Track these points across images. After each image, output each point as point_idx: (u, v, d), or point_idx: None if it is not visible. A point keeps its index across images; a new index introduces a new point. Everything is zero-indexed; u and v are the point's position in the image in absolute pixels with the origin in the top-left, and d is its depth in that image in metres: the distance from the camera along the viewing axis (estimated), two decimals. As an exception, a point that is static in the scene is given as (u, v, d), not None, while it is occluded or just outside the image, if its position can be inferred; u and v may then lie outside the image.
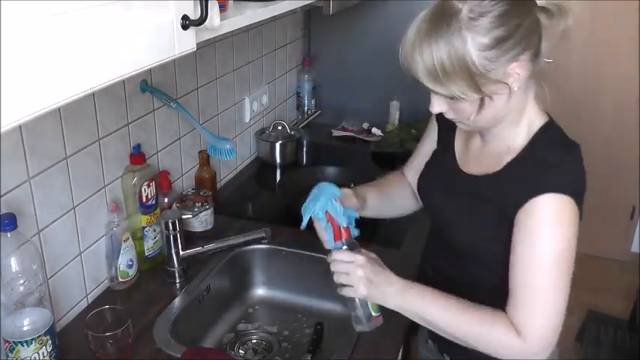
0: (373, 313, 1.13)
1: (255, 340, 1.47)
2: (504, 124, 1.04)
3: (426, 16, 0.93)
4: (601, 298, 3.05)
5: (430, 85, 0.94)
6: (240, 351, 1.44)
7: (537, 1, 0.94)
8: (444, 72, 0.90)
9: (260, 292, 1.61)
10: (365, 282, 1.07)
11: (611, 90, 3.17)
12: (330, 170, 1.97)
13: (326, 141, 2.33)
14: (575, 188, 0.99)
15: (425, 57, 0.91)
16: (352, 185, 1.95)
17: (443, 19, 0.90)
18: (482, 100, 0.95)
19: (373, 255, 1.13)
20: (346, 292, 1.10)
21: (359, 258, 1.09)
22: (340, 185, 1.26)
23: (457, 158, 1.16)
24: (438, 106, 1.00)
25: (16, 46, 0.55)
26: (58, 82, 0.61)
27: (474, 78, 0.91)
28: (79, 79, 0.64)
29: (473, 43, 0.89)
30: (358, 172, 1.97)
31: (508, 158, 1.05)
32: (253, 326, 1.51)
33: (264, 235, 1.38)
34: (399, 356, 1.36)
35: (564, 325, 1.03)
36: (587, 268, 3.40)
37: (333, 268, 1.11)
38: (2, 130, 0.55)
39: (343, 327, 1.33)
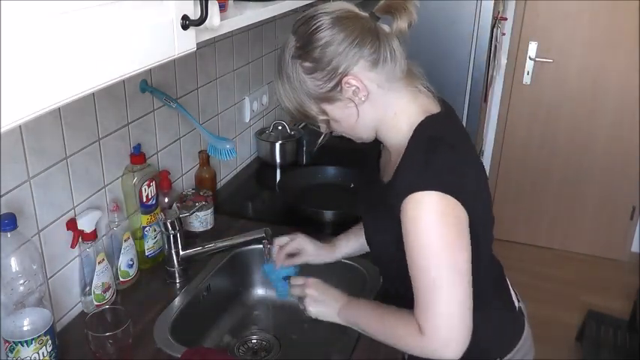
0: None
1: (254, 340, 1.47)
2: (383, 130, 1.07)
3: (277, 54, 1.05)
4: (601, 298, 3.05)
5: (295, 115, 1.06)
6: (240, 351, 1.44)
7: (360, 11, 1.00)
8: (296, 102, 1.02)
9: (260, 292, 1.61)
10: (311, 301, 1.20)
11: (611, 90, 3.17)
12: (330, 170, 1.97)
13: (326, 141, 2.32)
14: (444, 183, 0.96)
15: (280, 95, 1.04)
16: (352, 185, 1.96)
17: (282, 53, 1.01)
18: (327, 120, 1.04)
19: (318, 280, 1.24)
20: (306, 312, 1.23)
21: (308, 280, 1.23)
22: (340, 187, 1.30)
23: (380, 170, 1.20)
24: (323, 128, 1.10)
25: (16, 46, 0.55)
26: (58, 82, 0.61)
27: (316, 101, 1.00)
28: (79, 79, 0.64)
29: (303, 69, 0.98)
30: (358, 172, 1.97)
31: (397, 161, 1.05)
32: (253, 326, 1.51)
33: (264, 235, 1.38)
34: (399, 356, 1.35)
35: (564, 324, 1.03)
36: (587, 268, 3.41)
37: (292, 292, 1.26)
38: (2, 130, 0.55)
39: (343, 327, 1.33)
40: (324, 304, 1.20)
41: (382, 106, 1.03)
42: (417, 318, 1.00)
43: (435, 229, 0.96)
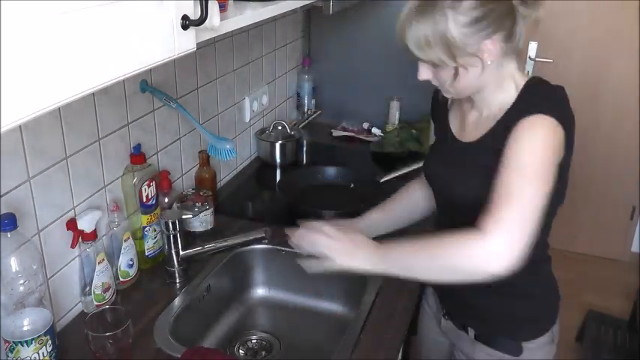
0: None
1: (255, 340, 1.47)
2: (489, 90, 1.17)
3: None
4: (601, 298, 3.05)
5: (416, 52, 1.10)
6: (240, 351, 1.44)
7: None
8: (427, 43, 1.07)
9: (260, 292, 1.61)
10: (333, 251, 1.15)
11: (611, 90, 3.17)
12: (330, 170, 1.97)
13: (326, 141, 2.33)
14: (560, 116, 1.07)
15: (413, 30, 1.08)
16: (352, 185, 1.96)
17: (430, 0, 1.07)
18: (456, 69, 1.10)
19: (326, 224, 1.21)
20: (324, 266, 1.17)
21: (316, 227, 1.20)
22: (340, 187, 1.29)
23: (454, 132, 1.27)
24: (423, 73, 1.15)
25: (16, 46, 0.55)
26: (58, 82, 0.61)
27: (451, 49, 1.07)
28: (79, 79, 0.64)
29: (454, 20, 1.05)
30: (358, 172, 1.97)
31: (492, 122, 1.16)
32: (253, 326, 1.51)
33: (264, 235, 1.38)
34: (399, 356, 1.36)
35: (564, 324, 1.04)
36: (587, 268, 3.41)
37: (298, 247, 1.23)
38: (2, 130, 0.55)
39: (343, 327, 1.33)
40: (351, 255, 1.14)
41: (499, 73, 1.14)
42: (481, 221, 1.03)
43: (541, 151, 1.05)
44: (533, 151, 1.05)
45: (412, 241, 1.11)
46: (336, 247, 1.15)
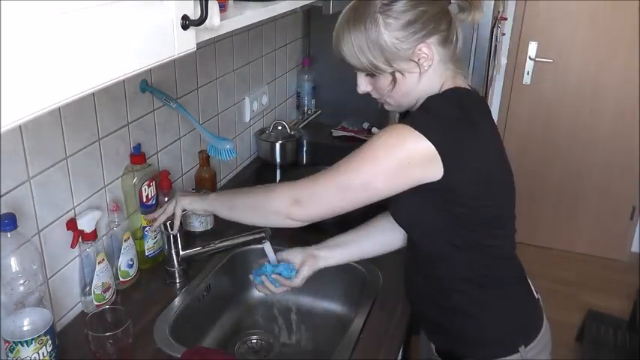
0: None
1: (255, 340, 1.47)
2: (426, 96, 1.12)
3: (351, 4, 1.08)
4: (601, 298, 3.05)
5: (351, 61, 1.09)
6: (240, 351, 1.44)
7: None
8: (360, 51, 1.06)
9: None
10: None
11: (611, 90, 3.17)
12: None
13: (326, 141, 2.33)
14: (431, 131, 1.01)
15: (346, 39, 1.07)
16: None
17: (361, 5, 1.06)
18: (393, 75, 1.07)
19: None
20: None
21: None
22: None
23: None
24: (362, 84, 1.15)
25: (16, 46, 0.55)
26: (58, 82, 0.61)
27: (385, 55, 1.04)
28: (79, 79, 0.64)
29: (385, 24, 1.03)
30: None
31: None
32: (253, 326, 1.51)
33: (264, 235, 1.38)
34: (399, 356, 1.36)
35: (564, 324, 1.03)
36: (587, 268, 3.41)
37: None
38: (2, 130, 0.55)
39: (343, 327, 1.33)
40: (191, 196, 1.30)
41: (436, 79, 1.10)
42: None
43: (379, 149, 1.04)
44: (369, 145, 1.05)
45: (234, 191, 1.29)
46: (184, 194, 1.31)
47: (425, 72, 1.07)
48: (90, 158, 1.30)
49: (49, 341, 1.08)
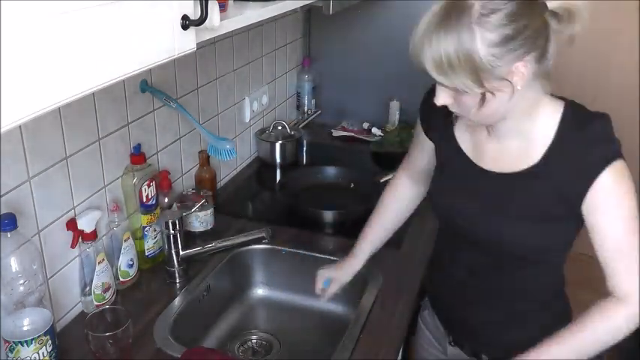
0: None
1: (255, 340, 1.47)
2: (517, 118, 1.04)
3: (438, 9, 0.94)
4: (601, 298, 3.04)
5: (436, 75, 0.95)
6: (240, 351, 1.44)
7: (548, 4, 0.96)
8: (449, 64, 0.91)
9: (260, 292, 1.61)
10: None
11: (611, 90, 3.17)
12: (330, 170, 1.97)
13: (326, 141, 2.33)
14: (620, 150, 1.06)
15: (433, 48, 0.92)
16: (352, 185, 1.96)
17: (454, 12, 0.91)
18: (484, 95, 0.96)
19: None
20: None
21: None
22: (341, 187, 1.28)
23: (470, 157, 1.15)
24: (442, 98, 1.01)
25: (16, 46, 0.55)
26: (58, 82, 0.61)
27: (478, 73, 0.92)
28: (79, 79, 0.64)
29: (481, 38, 0.90)
30: (358, 172, 1.97)
31: (541, 151, 1.05)
32: (253, 326, 1.51)
33: (264, 235, 1.38)
34: (399, 356, 1.36)
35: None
36: (587, 268, 3.40)
37: None
38: (2, 130, 0.55)
39: (343, 327, 1.33)
40: None
41: (525, 97, 1.01)
42: (613, 288, 1.07)
43: (631, 195, 1.03)
44: (627, 202, 1.03)
45: (556, 341, 1.09)
46: None
47: (517, 92, 0.96)
48: (90, 158, 1.30)
49: (49, 341, 1.08)
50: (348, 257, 1.41)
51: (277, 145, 2.06)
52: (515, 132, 1.07)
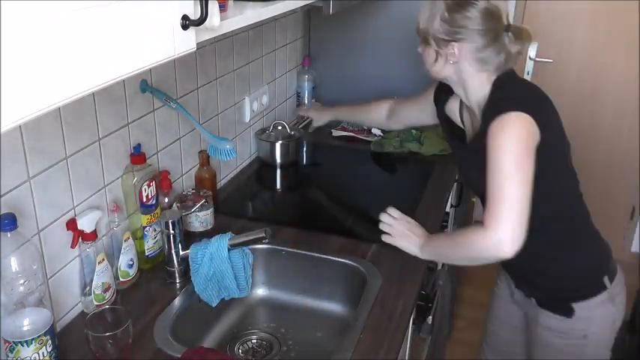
0: None
1: (255, 340, 1.47)
2: (467, 89, 1.42)
3: None
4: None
5: (418, 29, 1.43)
6: (240, 351, 1.44)
7: (504, 20, 1.35)
8: (424, 23, 1.40)
9: (260, 292, 1.61)
10: (398, 235, 1.52)
11: (611, 90, 3.17)
12: (330, 170, 1.97)
13: (326, 141, 2.33)
14: (524, 105, 1.29)
15: (421, 12, 1.41)
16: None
17: None
18: (436, 53, 1.39)
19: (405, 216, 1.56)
20: (385, 239, 1.54)
21: (397, 216, 1.55)
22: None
23: (467, 134, 1.55)
24: (420, 48, 1.45)
25: (16, 46, 0.55)
26: (58, 82, 0.61)
27: (431, 34, 1.38)
28: (79, 79, 0.65)
29: (441, 15, 1.35)
30: (358, 172, 1.97)
31: (479, 116, 1.42)
32: (253, 326, 1.51)
33: (264, 235, 1.38)
34: (407, 356, 1.36)
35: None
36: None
37: (381, 227, 1.55)
38: (2, 130, 0.55)
39: (343, 327, 1.33)
40: (408, 240, 1.51)
41: (464, 75, 1.40)
42: (483, 218, 1.28)
43: (514, 146, 1.26)
44: (507, 149, 1.26)
45: (444, 236, 1.56)
46: (399, 229, 1.52)
47: (449, 64, 1.38)
48: (90, 158, 1.30)
49: (49, 341, 1.08)
50: (329, 108, 2.22)
51: (277, 145, 2.06)
52: (469, 101, 1.45)
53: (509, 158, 1.25)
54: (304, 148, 2.22)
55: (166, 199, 1.54)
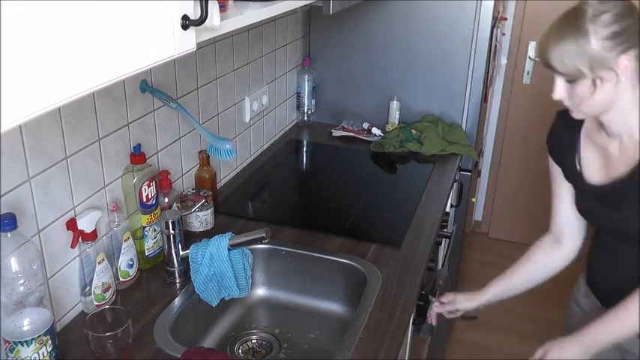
0: None
1: (255, 340, 1.47)
2: (623, 112, 1.23)
3: (560, 15, 1.20)
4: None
5: (558, 66, 1.18)
6: (240, 351, 1.44)
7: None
8: (569, 57, 1.15)
9: (260, 292, 1.61)
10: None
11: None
12: (330, 170, 1.97)
13: (326, 141, 2.33)
14: None
15: (557, 44, 1.16)
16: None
17: (572, 15, 1.17)
18: (594, 82, 1.16)
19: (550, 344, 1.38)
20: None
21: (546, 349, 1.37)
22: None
23: (588, 172, 1.36)
24: (558, 92, 1.23)
25: (16, 46, 0.55)
26: (58, 82, 0.61)
27: (590, 62, 1.14)
28: (79, 79, 0.64)
29: (594, 33, 1.14)
30: (358, 172, 1.97)
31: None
32: (253, 326, 1.51)
33: (264, 235, 1.38)
34: (406, 357, 1.36)
35: (563, 324, 1.02)
36: (587, 268, 3.40)
37: None
38: (2, 130, 0.55)
39: (343, 327, 1.33)
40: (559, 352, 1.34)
41: (628, 89, 1.20)
42: None
43: None
44: None
45: (601, 317, 1.32)
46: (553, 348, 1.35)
47: (620, 83, 1.17)
48: (90, 158, 1.30)
49: (49, 341, 1.08)
50: (475, 291, 1.59)
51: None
52: (627, 127, 1.25)
53: None
54: (304, 148, 2.22)
55: (166, 199, 1.54)
